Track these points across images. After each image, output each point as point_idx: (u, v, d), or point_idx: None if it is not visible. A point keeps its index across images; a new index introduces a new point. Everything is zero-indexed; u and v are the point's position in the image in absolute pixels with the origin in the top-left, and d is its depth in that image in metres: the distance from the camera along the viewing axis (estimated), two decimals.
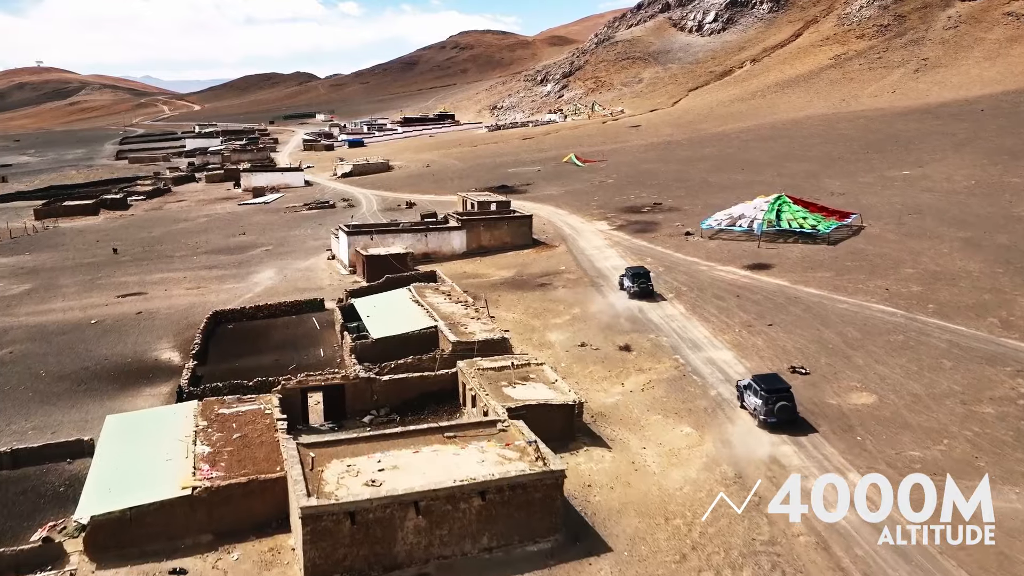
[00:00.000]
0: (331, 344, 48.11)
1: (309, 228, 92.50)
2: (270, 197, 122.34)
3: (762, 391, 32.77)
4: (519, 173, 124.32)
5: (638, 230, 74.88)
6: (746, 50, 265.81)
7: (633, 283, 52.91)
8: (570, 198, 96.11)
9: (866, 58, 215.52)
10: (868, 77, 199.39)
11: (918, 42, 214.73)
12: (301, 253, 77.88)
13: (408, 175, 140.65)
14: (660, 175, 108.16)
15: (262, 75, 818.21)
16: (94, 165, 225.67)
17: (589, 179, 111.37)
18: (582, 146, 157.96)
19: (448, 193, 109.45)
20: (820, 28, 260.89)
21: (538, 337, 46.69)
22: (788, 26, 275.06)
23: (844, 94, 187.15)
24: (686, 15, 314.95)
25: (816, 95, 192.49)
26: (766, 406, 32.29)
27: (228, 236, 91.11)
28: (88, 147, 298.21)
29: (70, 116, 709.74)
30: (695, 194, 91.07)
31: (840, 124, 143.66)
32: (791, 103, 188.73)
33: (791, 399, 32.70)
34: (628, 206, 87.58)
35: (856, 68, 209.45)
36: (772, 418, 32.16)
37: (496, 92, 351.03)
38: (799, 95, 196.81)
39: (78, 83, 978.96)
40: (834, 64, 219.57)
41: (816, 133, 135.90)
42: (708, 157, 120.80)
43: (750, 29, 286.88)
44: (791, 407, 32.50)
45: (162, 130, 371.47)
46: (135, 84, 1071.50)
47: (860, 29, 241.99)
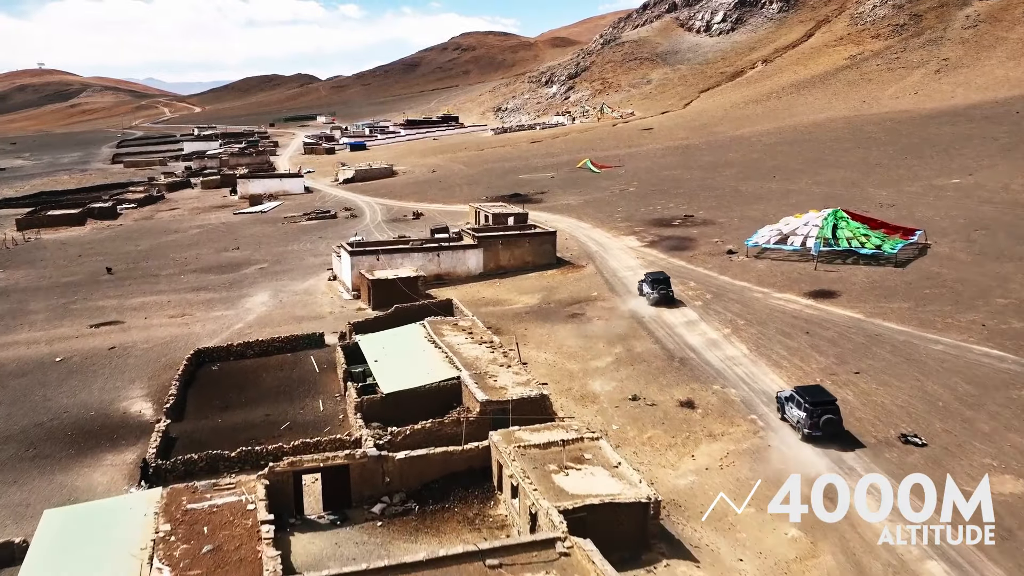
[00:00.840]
0: (332, 394, 40.31)
1: (308, 242, 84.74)
2: (267, 206, 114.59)
3: (806, 403, 31.74)
4: (531, 180, 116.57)
5: (672, 247, 67.07)
6: (757, 50, 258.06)
7: (653, 289, 51.32)
8: (591, 209, 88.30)
9: (883, 58, 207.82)
10: (887, 78, 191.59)
11: (937, 42, 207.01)
12: (299, 272, 70.07)
13: (413, 181, 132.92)
14: (685, 183, 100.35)
15: (263, 77, 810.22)
16: (89, 169, 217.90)
17: (608, 187, 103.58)
18: (594, 150, 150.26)
19: (457, 202, 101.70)
20: (833, 28, 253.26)
21: (579, 386, 38.95)
22: (799, 26, 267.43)
23: (864, 95, 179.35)
24: (693, 15, 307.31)
25: (834, 96, 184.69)
26: (811, 419, 31.36)
27: (220, 251, 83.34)
28: (85, 150, 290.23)
29: (70, 118, 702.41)
30: (728, 205, 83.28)
31: (866, 127, 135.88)
32: (809, 105, 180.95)
33: (837, 411, 31.85)
34: (656, 218, 79.76)
35: (874, 69, 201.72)
36: (817, 431, 31.21)
37: (500, 94, 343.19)
38: (817, 96, 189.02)
39: (79, 85, 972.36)
40: (850, 64, 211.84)
41: (843, 136, 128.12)
42: (733, 163, 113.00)
43: (760, 29, 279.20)
44: (837, 420, 31.66)
45: (161, 133, 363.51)
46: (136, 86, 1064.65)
47: (875, 29, 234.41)
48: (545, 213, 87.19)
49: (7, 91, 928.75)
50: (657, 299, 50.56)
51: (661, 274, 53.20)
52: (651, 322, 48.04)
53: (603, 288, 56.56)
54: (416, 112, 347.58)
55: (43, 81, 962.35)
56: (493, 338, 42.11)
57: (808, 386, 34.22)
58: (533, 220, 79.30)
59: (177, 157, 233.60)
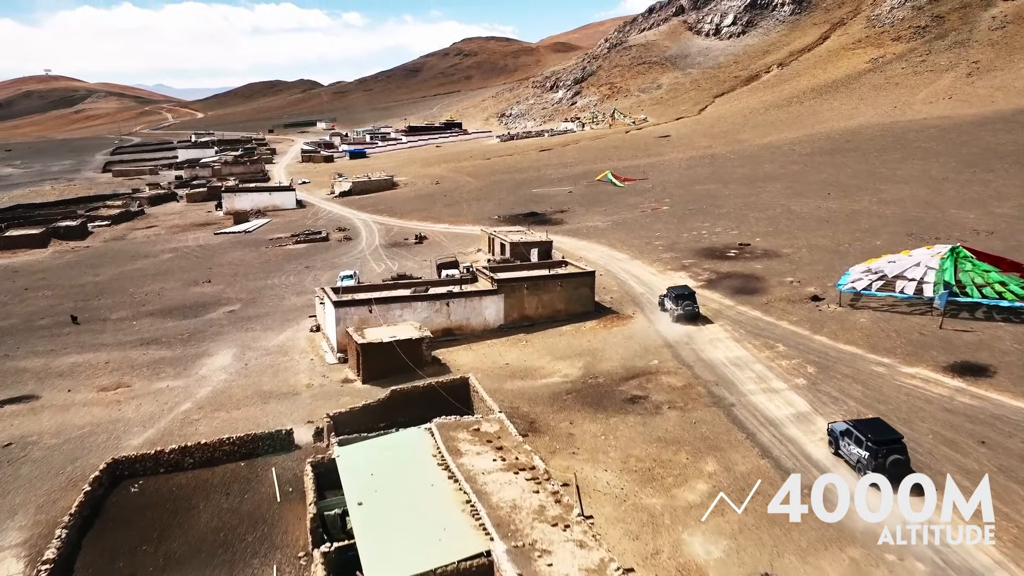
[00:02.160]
0: (296, 550, 26.25)
1: (293, 273, 70.62)
2: (253, 224, 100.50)
3: (869, 442, 26.80)
4: (547, 195, 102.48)
5: (737, 289, 52.93)
6: (771, 54, 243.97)
7: (677, 305, 46.78)
8: (623, 232, 74.20)
9: (908, 62, 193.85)
10: (915, 82, 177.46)
11: (963, 44, 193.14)
12: (276, 318, 55.92)
13: (415, 195, 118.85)
14: (725, 200, 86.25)
15: (266, 82, 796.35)
16: (77, 179, 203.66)
17: (636, 203, 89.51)
18: (610, 160, 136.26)
19: (466, 222, 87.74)
20: (849, 30, 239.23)
21: (670, 549, 24.78)
22: (813, 29, 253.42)
23: (893, 100, 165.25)
24: (702, 18, 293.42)
25: (861, 101, 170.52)
26: (875, 460, 26.37)
27: (189, 284, 69.21)
28: (79, 157, 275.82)
29: (74, 124, 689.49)
30: (787, 230, 69.20)
31: (908, 134, 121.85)
32: (835, 110, 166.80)
33: (904, 451, 26.93)
34: (705, 247, 65.62)
35: (899, 72, 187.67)
36: (881, 473, 24.19)
37: (503, 99, 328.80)
38: (842, 101, 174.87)
39: (85, 91, 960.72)
40: (873, 68, 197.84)
41: (888, 146, 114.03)
42: (774, 176, 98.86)
43: (772, 32, 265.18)
44: (905, 460, 26.60)
45: (158, 139, 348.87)
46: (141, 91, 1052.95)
47: (895, 31, 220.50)
48: (568, 238, 73.14)
49: (13, 97, 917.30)
50: (682, 316, 46.16)
51: (686, 289, 48.64)
52: (744, 413, 33.98)
53: (664, 353, 42.36)
54: (418, 118, 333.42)
55: (49, 87, 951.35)
56: (535, 461, 27.86)
57: (868, 420, 29.33)
58: (556, 247, 65.34)
59: (170, 165, 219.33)
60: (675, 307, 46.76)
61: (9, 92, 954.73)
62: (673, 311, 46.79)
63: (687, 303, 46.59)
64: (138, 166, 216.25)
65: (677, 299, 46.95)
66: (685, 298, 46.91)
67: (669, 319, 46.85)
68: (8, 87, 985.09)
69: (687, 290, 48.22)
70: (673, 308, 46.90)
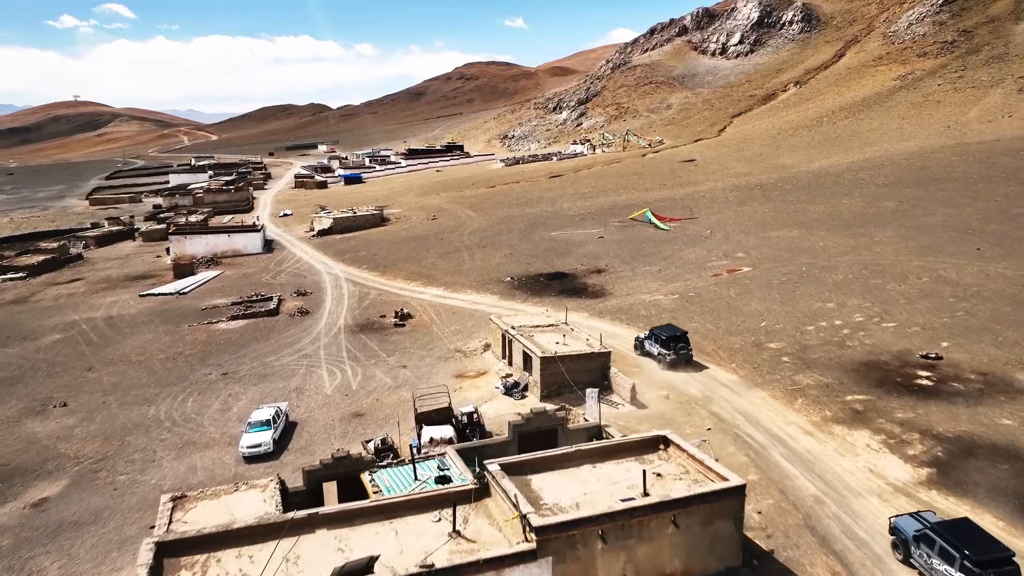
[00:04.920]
0: None
1: (197, 391, 41.29)
2: (191, 282, 71.41)
3: (967, 561, 18.78)
4: (571, 241, 73.61)
5: (996, 487, 23.94)
6: (785, 72, 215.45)
7: (668, 349, 36.73)
8: (704, 319, 44.94)
9: (943, 78, 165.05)
10: (959, 99, 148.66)
11: (1002, 58, 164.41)
12: (92, 539, 26.82)
13: (407, 236, 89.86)
14: (824, 255, 57.19)
15: (278, 106, 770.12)
16: (52, 207, 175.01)
17: (699, 259, 60.52)
18: (633, 188, 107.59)
19: (467, 287, 58.85)
20: (866, 47, 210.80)
21: None
22: (827, 46, 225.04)
23: (942, 119, 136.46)
24: (707, 38, 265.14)
25: (904, 120, 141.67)
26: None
27: (31, 410, 39.88)
28: (71, 182, 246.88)
29: (96, 146, 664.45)
30: (984, 323, 39.91)
31: (997, 158, 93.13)
32: (877, 130, 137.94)
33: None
34: (861, 360, 36.22)
35: (936, 89, 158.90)
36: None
37: (505, 121, 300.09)
38: (880, 120, 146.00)
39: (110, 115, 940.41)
40: (903, 85, 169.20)
41: (982, 174, 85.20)
42: (868, 217, 69.76)
43: (782, 51, 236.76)
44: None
45: (162, 162, 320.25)
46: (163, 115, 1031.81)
47: (919, 47, 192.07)
48: (619, 327, 44.17)
49: (43, 121, 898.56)
50: (675, 360, 36.31)
51: (678, 330, 38.10)
52: None
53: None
54: (420, 140, 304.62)
55: (77, 112, 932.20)
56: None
57: (958, 524, 20.39)
58: (592, 330, 36.53)
59: (158, 191, 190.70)
60: (666, 351, 37.18)
61: (40, 116, 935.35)
62: (664, 356, 37.09)
63: (682, 346, 37.22)
64: (120, 193, 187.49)
65: (669, 342, 37.26)
66: (678, 340, 37.47)
67: (657, 367, 37.03)
68: (39, 112, 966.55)
69: (678, 330, 38.52)
70: (664, 352, 37.24)
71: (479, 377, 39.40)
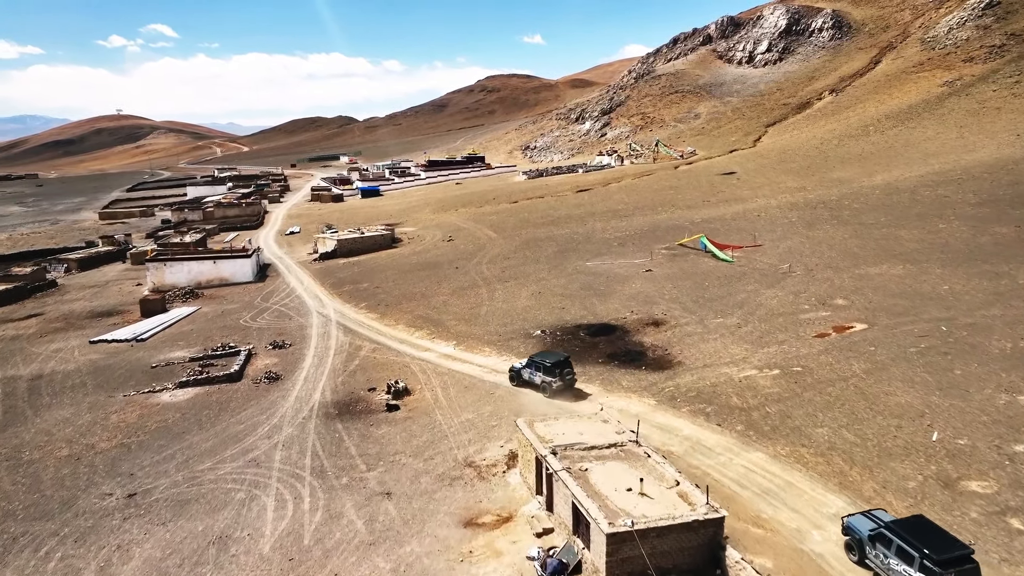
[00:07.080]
0: None
1: (78, 532, 26.12)
2: (158, 323, 56.76)
3: (927, 561, 17.36)
4: (612, 275, 57.88)
5: None
6: (818, 80, 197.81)
7: (553, 376, 33.23)
8: (828, 412, 29.15)
9: (996, 83, 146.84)
10: (1019, 105, 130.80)
11: None
12: None
13: (418, 261, 74.78)
14: (975, 315, 40.82)
15: (308, 119, 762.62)
16: (61, 222, 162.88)
17: (784, 306, 44.53)
18: (672, 204, 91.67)
19: (485, 344, 43.39)
20: (903, 53, 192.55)
21: None
22: (860, 53, 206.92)
23: (1008, 127, 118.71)
24: (732, 47, 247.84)
25: (964, 129, 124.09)
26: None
27: None
28: (93, 195, 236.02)
29: (134, 158, 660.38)
30: None
31: None
32: (933, 140, 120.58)
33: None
34: None
35: (992, 95, 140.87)
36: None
37: (527, 132, 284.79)
38: (935, 129, 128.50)
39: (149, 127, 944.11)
40: (952, 92, 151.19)
41: None
42: (981, 248, 53.28)
43: (812, 58, 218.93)
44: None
45: (188, 174, 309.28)
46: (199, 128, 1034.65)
47: (964, 52, 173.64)
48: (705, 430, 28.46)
49: (86, 134, 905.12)
50: (561, 387, 33.21)
51: (561, 354, 34.48)
52: None
53: None
54: (441, 151, 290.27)
55: (118, 124, 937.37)
56: None
57: (909, 519, 19.27)
58: (669, 433, 20.64)
59: (172, 205, 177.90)
60: (550, 378, 33.04)
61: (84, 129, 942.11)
62: (551, 384, 32.95)
63: (567, 371, 33.33)
64: (133, 207, 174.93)
65: (553, 368, 33.04)
66: (563, 364, 33.33)
67: (542, 397, 32.68)
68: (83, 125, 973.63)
69: (562, 355, 34.26)
70: (548, 380, 33.08)
71: (501, 527, 23.94)
